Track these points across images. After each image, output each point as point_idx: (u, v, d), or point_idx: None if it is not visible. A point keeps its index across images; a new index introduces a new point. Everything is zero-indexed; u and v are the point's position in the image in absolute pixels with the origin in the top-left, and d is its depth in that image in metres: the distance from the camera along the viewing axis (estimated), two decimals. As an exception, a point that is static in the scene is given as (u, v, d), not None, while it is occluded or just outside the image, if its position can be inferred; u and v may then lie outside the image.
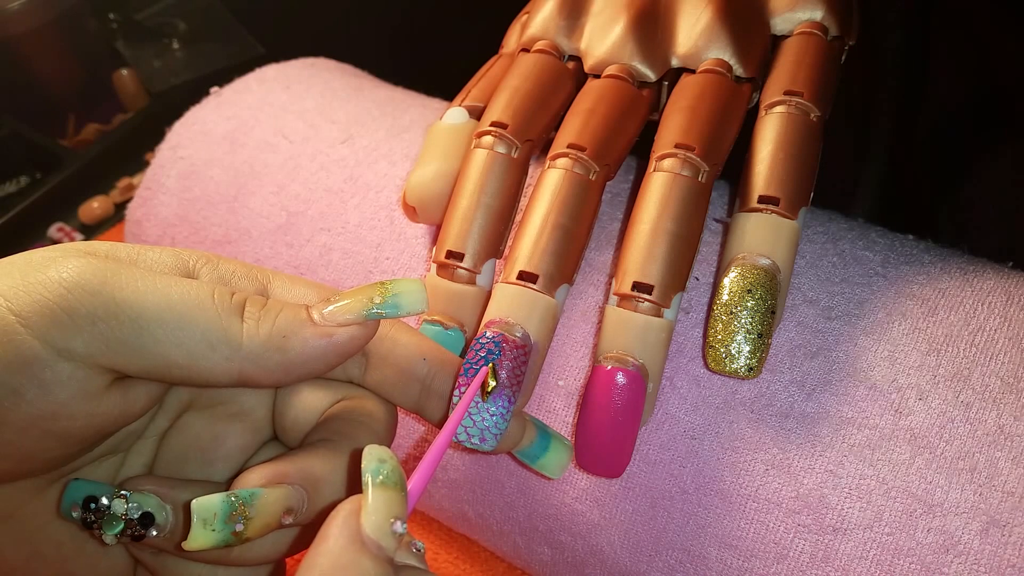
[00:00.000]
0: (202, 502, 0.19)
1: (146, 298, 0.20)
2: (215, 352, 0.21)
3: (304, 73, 0.39)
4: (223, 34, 0.64)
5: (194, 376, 0.21)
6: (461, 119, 0.30)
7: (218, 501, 0.19)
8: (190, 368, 0.21)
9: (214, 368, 0.21)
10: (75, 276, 0.20)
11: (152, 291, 0.20)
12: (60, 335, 0.19)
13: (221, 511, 0.19)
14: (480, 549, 0.35)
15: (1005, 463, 0.23)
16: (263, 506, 0.20)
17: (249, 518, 0.20)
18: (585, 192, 0.26)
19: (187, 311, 0.20)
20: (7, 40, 0.54)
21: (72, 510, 0.21)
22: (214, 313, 0.21)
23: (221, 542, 0.19)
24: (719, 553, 0.25)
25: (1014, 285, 0.26)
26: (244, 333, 0.21)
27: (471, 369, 0.23)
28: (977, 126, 0.43)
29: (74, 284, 0.20)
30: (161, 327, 0.20)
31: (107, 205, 0.54)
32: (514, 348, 0.24)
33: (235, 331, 0.21)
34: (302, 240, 0.33)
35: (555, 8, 0.31)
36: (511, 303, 0.25)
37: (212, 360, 0.21)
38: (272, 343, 0.21)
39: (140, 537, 0.21)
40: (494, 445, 0.23)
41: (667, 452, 0.26)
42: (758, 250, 0.25)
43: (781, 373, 0.25)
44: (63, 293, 0.19)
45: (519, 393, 0.24)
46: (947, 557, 0.23)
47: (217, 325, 0.21)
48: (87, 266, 0.20)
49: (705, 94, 0.27)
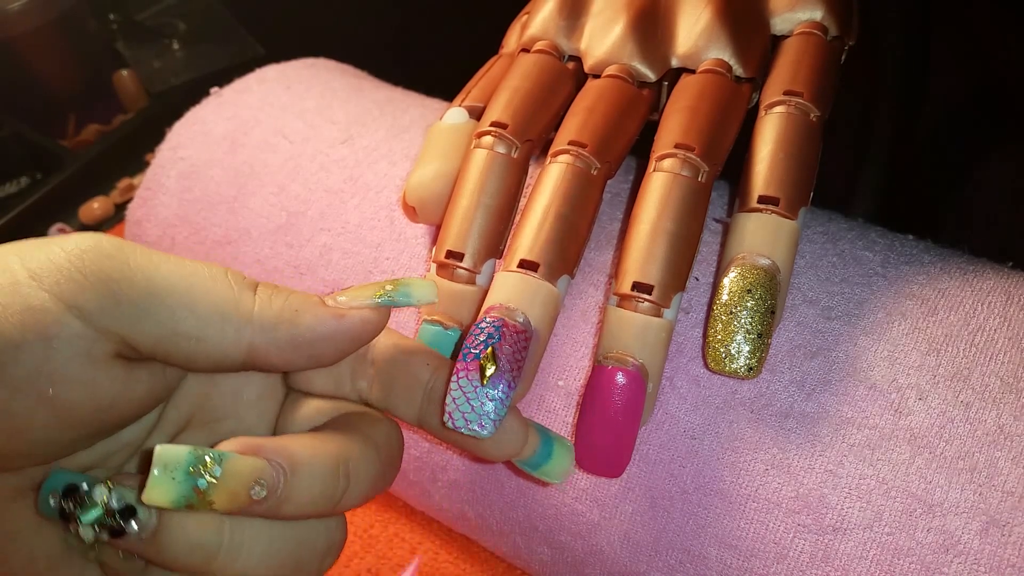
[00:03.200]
0: (166, 447, 0.19)
1: (160, 266, 0.21)
2: (226, 323, 0.21)
3: (304, 73, 0.39)
4: (223, 34, 0.64)
5: (203, 350, 0.21)
6: (461, 119, 0.30)
7: (183, 450, 0.19)
8: (199, 340, 0.20)
9: (223, 341, 0.21)
10: (91, 242, 0.20)
11: (166, 261, 0.21)
12: (71, 290, 0.19)
13: (185, 460, 0.19)
14: (480, 549, 0.35)
15: (1005, 463, 0.23)
16: (231, 469, 0.19)
17: (215, 478, 0.19)
18: (587, 185, 0.26)
19: (200, 281, 0.21)
20: (7, 40, 0.54)
21: (51, 497, 0.21)
22: (227, 285, 0.21)
23: (181, 497, 0.19)
24: (719, 553, 0.25)
25: (1014, 285, 0.26)
26: (256, 304, 0.21)
27: (470, 354, 0.23)
28: (977, 126, 0.43)
29: (89, 247, 0.20)
30: (173, 294, 0.20)
31: (107, 205, 0.54)
32: (515, 333, 0.24)
33: (247, 302, 0.21)
34: (302, 240, 0.33)
35: (555, 8, 0.31)
36: (512, 290, 0.25)
37: (223, 332, 0.21)
38: (284, 315, 0.21)
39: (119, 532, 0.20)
40: (492, 431, 0.23)
41: (667, 452, 0.26)
42: (758, 250, 0.25)
43: (781, 373, 0.25)
44: (78, 254, 0.20)
45: (519, 379, 0.23)
46: (947, 557, 0.23)
47: (230, 296, 0.21)
48: (103, 238, 0.21)
49: (705, 94, 0.27)
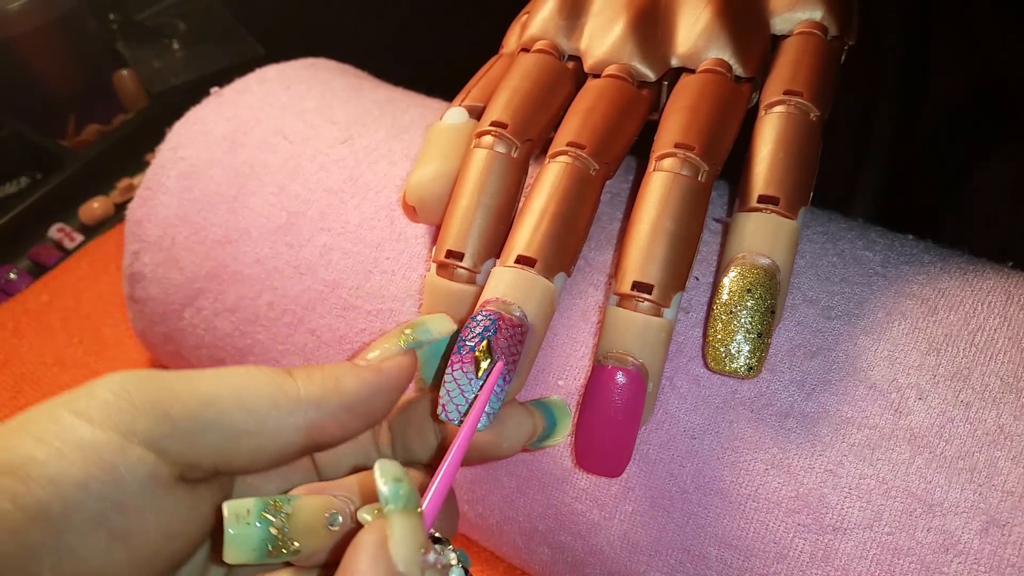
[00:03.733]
0: (232, 502, 0.19)
1: (199, 379, 0.20)
2: (280, 410, 0.20)
3: (304, 73, 0.39)
4: (223, 34, 0.64)
5: (265, 445, 0.20)
6: (461, 119, 0.30)
7: (250, 500, 0.19)
8: (259, 435, 0.20)
9: (283, 429, 0.21)
10: (129, 374, 0.20)
11: (201, 374, 0.21)
12: (125, 420, 0.19)
13: (256, 505, 0.19)
14: (480, 549, 0.35)
15: (1005, 463, 0.23)
16: (301, 504, 0.20)
17: (288, 515, 0.19)
18: (585, 185, 0.26)
19: (241, 380, 0.21)
20: (7, 40, 0.54)
21: None
22: (267, 377, 0.21)
23: (262, 542, 0.19)
24: (719, 553, 0.25)
25: (1014, 285, 0.26)
26: (300, 385, 0.21)
27: (465, 346, 0.23)
28: (977, 126, 0.43)
29: (130, 378, 0.20)
30: (222, 399, 0.20)
31: (107, 205, 0.54)
32: (511, 326, 0.24)
33: (290, 385, 0.21)
34: (302, 240, 0.33)
35: (555, 8, 0.31)
36: (509, 284, 0.25)
37: (279, 420, 0.20)
38: (328, 387, 0.21)
39: None
40: (487, 424, 0.23)
41: (667, 452, 0.26)
42: (758, 250, 0.25)
43: (781, 373, 0.25)
44: (121, 385, 0.19)
45: (514, 373, 0.24)
46: (947, 557, 0.23)
47: (273, 383, 0.21)
48: (135, 370, 0.20)
49: (705, 94, 0.27)
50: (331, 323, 0.32)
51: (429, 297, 0.27)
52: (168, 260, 0.36)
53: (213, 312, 0.34)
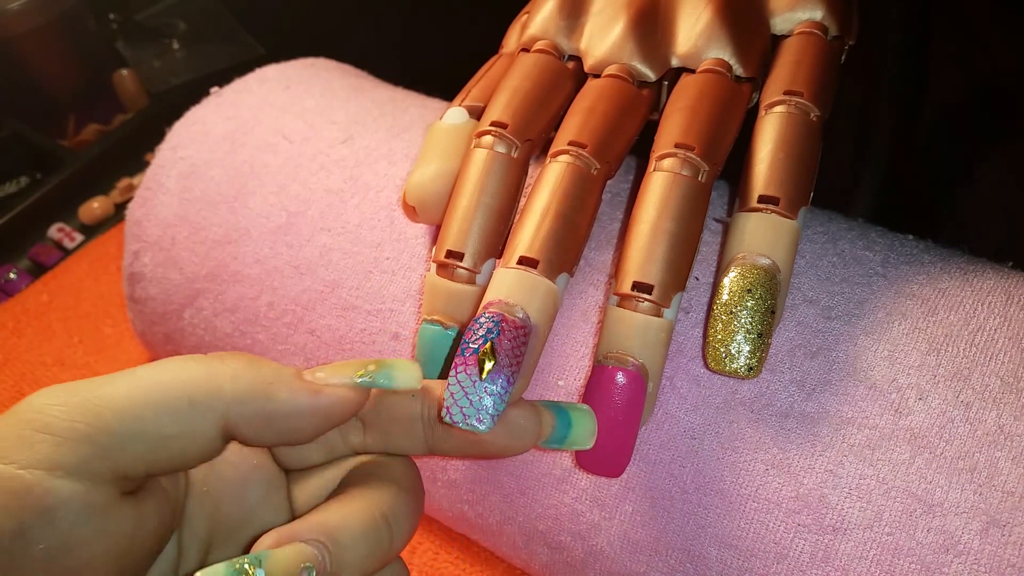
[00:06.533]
0: (203, 570, 0.19)
1: (115, 387, 0.20)
2: (196, 408, 0.20)
3: (304, 73, 0.39)
4: (223, 34, 0.64)
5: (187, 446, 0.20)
6: (461, 119, 0.30)
7: (220, 567, 0.19)
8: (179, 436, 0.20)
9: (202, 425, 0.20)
10: (41, 398, 0.19)
11: (111, 380, 0.20)
12: (45, 454, 0.18)
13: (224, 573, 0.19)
14: (480, 549, 0.35)
15: (1005, 463, 0.23)
16: (273, 565, 0.19)
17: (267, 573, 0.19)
18: (586, 185, 0.26)
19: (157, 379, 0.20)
20: (7, 40, 0.54)
21: None
22: (188, 372, 0.20)
23: None
24: (719, 553, 0.25)
25: (1014, 285, 0.26)
26: (229, 377, 0.20)
27: (468, 348, 0.23)
28: (977, 126, 0.43)
29: (41, 404, 0.19)
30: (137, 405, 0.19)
31: (107, 205, 0.54)
32: (514, 328, 0.23)
33: (217, 376, 0.20)
34: (302, 240, 0.33)
35: (555, 8, 0.31)
36: (511, 286, 0.25)
37: (197, 418, 0.20)
38: (257, 387, 0.20)
39: None
40: (490, 426, 0.22)
41: (667, 452, 0.26)
42: (758, 250, 0.25)
43: (781, 373, 0.25)
44: (32, 417, 0.19)
45: (518, 374, 0.23)
46: (947, 557, 0.23)
47: (193, 378, 0.20)
48: (51, 387, 0.20)
49: (705, 94, 0.27)
50: (331, 323, 0.32)
51: (429, 297, 0.27)
52: (168, 260, 0.36)
53: (213, 312, 0.34)
